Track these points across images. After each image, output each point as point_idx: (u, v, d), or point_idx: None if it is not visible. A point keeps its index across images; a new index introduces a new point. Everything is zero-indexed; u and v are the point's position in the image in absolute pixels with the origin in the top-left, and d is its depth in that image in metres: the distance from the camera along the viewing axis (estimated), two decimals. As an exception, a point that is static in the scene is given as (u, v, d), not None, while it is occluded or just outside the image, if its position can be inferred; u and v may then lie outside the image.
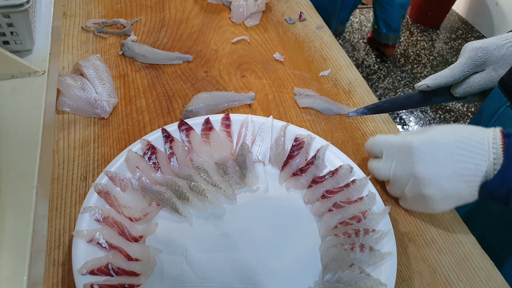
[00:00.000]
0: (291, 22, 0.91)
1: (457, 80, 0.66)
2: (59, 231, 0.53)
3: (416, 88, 0.70)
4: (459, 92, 0.68)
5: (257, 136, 0.63)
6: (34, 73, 0.47)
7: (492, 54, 0.63)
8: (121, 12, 0.90)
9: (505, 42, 0.63)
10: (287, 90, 0.76)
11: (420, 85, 0.69)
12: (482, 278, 0.54)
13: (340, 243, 0.52)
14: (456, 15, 2.86)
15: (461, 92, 0.67)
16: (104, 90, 0.69)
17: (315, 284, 0.50)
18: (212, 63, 0.80)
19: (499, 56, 0.63)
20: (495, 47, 0.63)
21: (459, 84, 0.67)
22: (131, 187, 0.55)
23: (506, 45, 0.63)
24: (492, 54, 0.63)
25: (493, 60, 0.64)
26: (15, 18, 0.46)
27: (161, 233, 0.53)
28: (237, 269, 0.51)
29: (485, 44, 0.64)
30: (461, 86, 0.67)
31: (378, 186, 0.62)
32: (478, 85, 0.66)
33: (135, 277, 0.48)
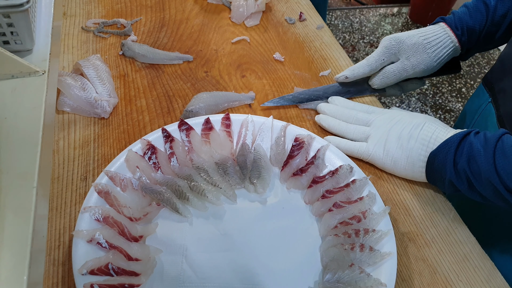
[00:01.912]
0: (291, 22, 0.91)
1: (374, 70, 0.70)
2: (59, 231, 0.53)
3: (335, 79, 0.73)
4: (376, 83, 0.71)
5: (257, 136, 0.63)
6: (34, 73, 0.47)
7: (404, 43, 0.68)
8: (121, 12, 0.90)
9: (416, 33, 0.68)
10: (287, 90, 0.76)
11: (339, 76, 0.72)
12: (482, 278, 0.54)
13: (340, 243, 0.52)
14: (456, 15, 2.86)
15: (378, 83, 0.71)
16: (104, 90, 0.69)
17: (315, 284, 0.50)
18: (212, 63, 0.80)
19: (410, 44, 0.67)
20: (407, 36, 0.68)
21: (376, 74, 0.71)
22: (131, 187, 0.55)
23: (417, 35, 0.68)
24: (404, 43, 0.68)
25: (405, 49, 0.68)
26: (15, 18, 0.46)
27: (161, 233, 0.53)
28: (237, 269, 0.51)
29: (398, 35, 0.69)
30: (377, 77, 0.71)
31: (378, 186, 0.62)
32: (393, 75, 0.69)
33: (135, 277, 0.48)
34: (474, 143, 0.52)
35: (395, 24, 2.73)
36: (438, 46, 0.67)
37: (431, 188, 0.63)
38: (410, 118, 0.61)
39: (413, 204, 0.61)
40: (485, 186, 0.51)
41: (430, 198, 0.62)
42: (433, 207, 0.61)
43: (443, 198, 0.62)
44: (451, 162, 0.54)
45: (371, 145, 0.61)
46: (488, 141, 0.52)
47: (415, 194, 0.62)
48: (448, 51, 0.68)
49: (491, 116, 0.69)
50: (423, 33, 0.68)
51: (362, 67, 0.70)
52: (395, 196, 0.62)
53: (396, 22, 2.75)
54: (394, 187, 0.63)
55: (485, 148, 0.51)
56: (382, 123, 0.62)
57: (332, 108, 0.68)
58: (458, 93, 2.26)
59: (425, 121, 0.59)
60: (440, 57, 0.68)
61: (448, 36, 0.67)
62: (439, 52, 0.68)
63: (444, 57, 0.68)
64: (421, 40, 0.67)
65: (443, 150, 0.55)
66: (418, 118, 0.61)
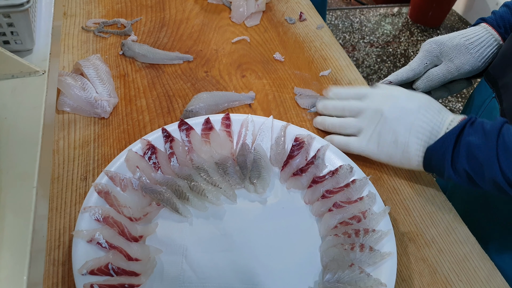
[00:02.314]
0: (291, 22, 0.91)
1: (418, 75, 0.70)
2: (59, 231, 0.53)
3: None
4: (420, 87, 0.71)
5: (257, 136, 0.63)
6: (34, 73, 0.47)
7: (445, 45, 0.67)
8: (121, 12, 0.90)
9: (457, 35, 0.68)
10: (287, 90, 0.76)
11: (383, 82, 0.71)
12: (482, 278, 0.54)
13: (340, 243, 0.52)
14: (456, 15, 2.86)
15: (422, 86, 0.70)
16: (104, 90, 0.69)
17: (315, 284, 0.50)
18: (212, 63, 0.80)
19: (452, 46, 0.67)
20: (447, 38, 0.68)
21: (420, 78, 0.70)
22: (131, 187, 0.55)
23: (458, 37, 0.67)
24: (445, 45, 0.67)
25: (447, 51, 0.67)
26: (15, 18, 0.46)
27: (161, 233, 0.53)
28: (237, 269, 0.51)
29: (438, 38, 0.68)
30: (422, 80, 0.70)
31: (378, 186, 0.62)
32: (438, 78, 0.69)
33: (135, 277, 0.48)
34: (473, 139, 0.51)
35: (395, 24, 2.73)
36: (482, 45, 0.66)
37: (431, 188, 0.63)
38: (404, 102, 0.59)
39: (413, 204, 0.61)
40: (487, 182, 0.51)
41: (430, 198, 0.62)
42: (433, 207, 0.61)
43: (443, 198, 0.62)
44: (449, 162, 0.53)
45: (364, 140, 0.60)
46: (488, 135, 0.50)
47: (415, 194, 0.62)
48: (493, 49, 0.67)
49: (495, 111, 0.68)
50: (463, 34, 0.67)
51: (406, 72, 0.69)
52: (395, 196, 0.62)
53: (396, 22, 2.75)
54: (394, 187, 0.63)
55: (486, 144, 0.50)
56: (374, 112, 0.60)
57: (328, 104, 0.67)
58: (458, 93, 2.26)
59: (420, 107, 0.57)
60: (485, 56, 0.67)
61: (491, 35, 0.67)
62: (483, 51, 0.67)
63: (489, 56, 0.68)
64: (462, 41, 0.67)
65: (441, 148, 0.54)
66: (413, 102, 0.58)
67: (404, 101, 0.59)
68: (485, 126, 0.52)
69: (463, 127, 0.53)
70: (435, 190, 0.63)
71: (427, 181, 0.64)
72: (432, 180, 0.64)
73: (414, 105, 0.58)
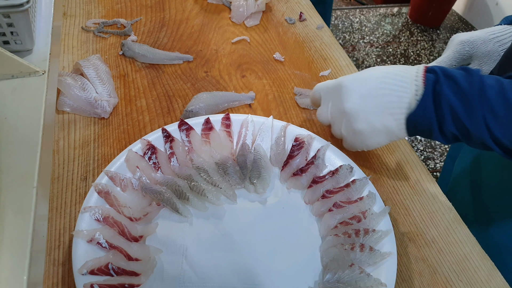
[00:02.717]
0: (291, 22, 0.91)
1: None
2: (59, 231, 0.53)
3: None
4: None
5: (257, 136, 0.63)
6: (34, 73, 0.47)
7: (478, 49, 0.64)
8: (121, 12, 0.90)
9: (492, 37, 0.64)
10: (287, 90, 0.76)
11: None
12: (482, 278, 0.54)
13: (340, 243, 0.52)
14: (456, 15, 2.86)
15: None
16: (104, 90, 0.69)
17: (315, 284, 0.50)
18: (212, 63, 0.80)
19: (485, 51, 0.63)
20: (482, 41, 0.64)
21: None
22: (131, 187, 0.55)
23: (493, 41, 0.63)
24: (478, 49, 0.64)
25: (478, 55, 0.64)
26: (15, 18, 0.46)
27: (161, 233, 0.53)
28: (237, 269, 0.51)
29: (472, 38, 0.64)
30: None
31: (378, 186, 0.62)
32: None
33: (135, 277, 0.48)
34: (453, 103, 0.47)
35: (395, 24, 2.73)
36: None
37: (431, 188, 0.63)
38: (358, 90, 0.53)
39: (413, 204, 0.61)
40: (475, 143, 0.49)
41: (430, 198, 0.62)
42: (433, 207, 0.61)
43: (443, 198, 0.62)
44: (437, 128, 0.50)
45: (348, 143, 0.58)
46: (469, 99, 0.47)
47: (415, 194, 0.62)
48: None
49: None
50: (498, 37, 0.63)
51: None
52: (395, 196, 0.62)
53: (396, 22, 2.75)
54: (394, 187, 0.63)
55: (470, 109, 0.46)
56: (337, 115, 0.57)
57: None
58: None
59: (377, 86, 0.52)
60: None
61: None
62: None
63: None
64: (496, 46, 0.63)
65: (423, 118, 0.50)
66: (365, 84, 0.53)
67: (358, 86, 0.54)
68: (460, 83, 0.48)
69: (434, 86, 0.49)
70: (435, 190, 0.63)
71: (427, 181, 0.64)
72: (432, 180, 0.64)
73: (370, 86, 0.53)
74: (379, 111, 0.52)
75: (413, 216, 0.59)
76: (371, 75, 0.53)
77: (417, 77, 0.50)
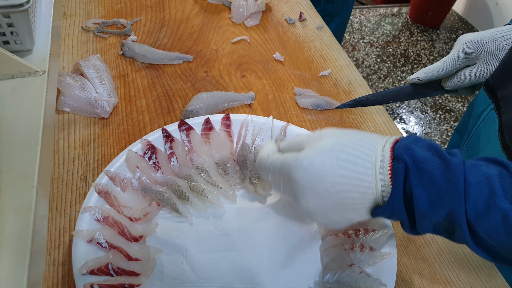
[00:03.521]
0: (291, 22, 0.91)
1: (449, 74, 0.66)
2: (59, 231, 0.53)
3: (408, 81, 0.70)
4: (449, 86, 0.68)
5: (257, 136, 0.63)
6: (34, 73, 0.47)
7: (483, 48, 0.63)
8: (121, 12, 0.90)
9: (498, 36, 0.63)
10: (287, 90, 0.76)
11: (412, 78, 0.69)
12: (482, 278, 0.54)
13: (340, 243, 0.52)
14: (456, 15, 2.86)
15: (451, 85, 0.68)
16: (104, 90, 0.69)
17: (315, 284, 0.50)
18: (212, 63, 0.80)
19: (491, 50, 0.63)
20: (487, 41, 0.63)
21: (450, 77, 0.67)
22: (131, 187, 0.55)
23: (499, 40, 0.63)
24: (483, 48, 0.63)
25: (484, 55, 0.63)
26: (15, 18, 0.46)
27: (161, 233, 0.53)
28: (237, 269, 0.51)
29: (477, 38, 0.63)
30: (452, 80, 0.67)
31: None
32: (469, 79, 0.66)
33: (135, 277, 0.48)
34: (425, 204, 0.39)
35: (395, 24, 2.73)
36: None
37: (431, 188, 0.63)
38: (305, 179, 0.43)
39: (413, 204, 0.61)
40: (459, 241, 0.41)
41: (430, 198, 0.61)
42: (433, 207, 0.61)
43: (443, 198, 0.62)
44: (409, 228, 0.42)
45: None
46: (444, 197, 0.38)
47: (415, 194, 0.62)
48: None
49: (493, 124, 0.65)
50: (504, 37, 0.62)
51: (437, 71, 0.66)
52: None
53: (396, 22, 2.75)
54: (394, 187, 0.62)
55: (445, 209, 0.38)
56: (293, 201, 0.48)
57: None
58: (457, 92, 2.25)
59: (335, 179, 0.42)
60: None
61: None
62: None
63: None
64: (502, 45, 0.62)
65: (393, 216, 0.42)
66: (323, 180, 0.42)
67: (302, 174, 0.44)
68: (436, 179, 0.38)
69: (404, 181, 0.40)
70: (435, 190, 0.62)
71: (427, 181, 0.63)
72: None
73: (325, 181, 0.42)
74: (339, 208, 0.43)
75: (413, 216, 0.59)
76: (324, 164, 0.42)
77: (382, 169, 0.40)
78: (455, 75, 0.66)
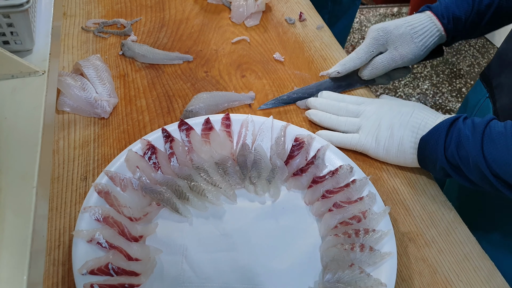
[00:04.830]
0: (291, 22, 0.91)
1: (364, 62, 0.71)
2: (59, 231, 0.54)
3: (327, 75, 0.74)
4: (366, 75, 0.73)
5: (257, 136, 0.63)
6: (34, 73, 0.47)
7: (392, 34, 0.69)
8: (121, 12, 0.90)
9: (403, 22, 0.69)
10: (287, 90, 0.76)
11: (331, 72, 0.73)
12: (482, 278, 0.54)
13: (340, 243, 0.52)
14: (456, 15, 2.86)
15: (367, 74, 0.72)
16: (104, 90, 0.69)
17: (315, 284, 0.50)
18: (212, 63, 0.80)
19: (398, 34, 0.68)
20: (394, 26, 0.69)
21: (365, 66, 0.72)
22: (131, 187, 0.55)
23: (404, 25, 0.69)
24: (392, 34, 0.69)
25: (393, 39, 0.69)
26: (15, 18, 0.46)
27: (161, 233, 0.53)
28: (237, 269, 0.51)
29: (386, 25, 0.69)
30: (367, 68, 0.72)
31: (378, 186, 0.62)
32: (382, 65, 0.71)
33: (135, 277, 0.48)
34: (462, 129, 0.54)
35: (395, 24, 2.73)
36: (425, 35, 0.68)
37: (431, 188, 0.63)
38: (399, 107, 0.62)
39: (413, 204, 0.61)
40: (472, 171, 0.53)
41: (430, 198, 0.62)
42: (433, 207, 0.61)
43: (443, 198, 0.62)
44: (442, 147, 0.55)
45: (363, 136, 0.62)
46: (476, 127, 0.53)
47: (415, 194, 0.62)
48: (435, 39, 0.69)
49: (488, 111, 0.70)
50: (409, 22, 0.69)
51: (353, 60, 0.71)
52: (395, 196, 0.62)
53: (396, 22, 2.74)
54: (394, 187, 0.63)
55: (473, 134, 0.52)
56: (372, 113, 0.63)
57: (322, 102, 0.68)
58: (458, 93, 2.26)
59: (414, 109, 0.61)
60: (427, 45, 0.69)
61: (434, 25, 0.68)
62: (426, 41, 0.69)
63: (430, 45, 0.70)
64: (408, 30, 0.68)
65: (434, 136, 0.56)
66: (407, 106, 0.62)
67: (401, 105, 0.63)
68: (474, 120, 0.54)
69: (454, 120, 0.56)
70: (435, 190, 0.63)
71: (427, 181, 0.64)
72: (432, 180, 0.64)
73: (409, 108, 0.61)
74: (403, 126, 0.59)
75: (413, 216, 0.59)
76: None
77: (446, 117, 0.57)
78: (369, 63, 0.72)
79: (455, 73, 2.37)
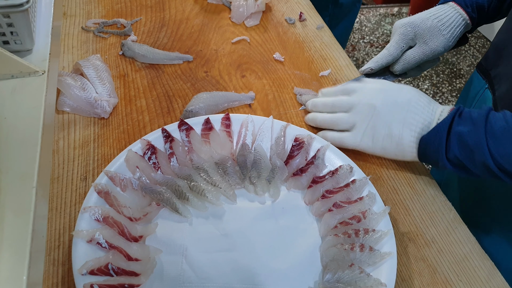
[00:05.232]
0: (291, 22, 0.91)
1: (396, 58, 0.72)
2: (59, 231, 0.54)
3: (361, 72, 0.74)
4: (398, 69, 0.73)
5: (257, 136, 0.63)
6: (34, 73, 0.47)
7: (419, 27, 0.69)
8: (121, 12, 0.90)
9: (429, 15, 0.70)
10: (287, 90, 0.76)
11: (364, 69, 0.73)
12: (482, 278, 0.54)
13: (340, 243, 0.52)
14: (456, 15, 2.86)
15: (400, 69, 0.73)
16: (104, 90, 0.69)
17: (315, 284, 0.50)
18: (212, 63, 0.80)
19: (426, 28, 0.69)
20: (421, 20, 0.69)
21: (397, 61, 0.73)
22: (131, 187, 0.55)
23: (431, 18, 0.69)
24: (419, 27, 0.69)
25: (421, 33, 0.69)
26: (15, 18, 0.46)
27: (161, 233, 0.53)
28: (237, 269, 0.51)
29: (412, 19, 0.70)
30: (399, 63, 0.72)
31: (378, 186, 0.62)
32: (414, 60, 0.71)
33: (135, 277, 0.48)
34: (462, 129, 0.54)
35: (395, 24, 2.73)
36: (452, 26, 0.69)
37: (431, 188, 0.63)
38: (393, 97, 0.60)
39: (413, 204, 0.61)
40: (479, 168, 0.53)
41: (430, 198, 0.62)
42: (433, 207, 0.61)
43: (443, 198, 0.62)
44: (443, 152, 0.55)
45: (359, 135, 0.61)
46: (476, 124, 0.53)
47: (415, 194, 0.62)
48: (461, 29, 0.70)
49: (488, 101, 0.71)
50: (435, 15, 0.69)
51: (385, 57, 0.71)
52: (395, 196, 0.62)
53: (396, 22, 2.74)
54: (394, 187, 0.63)
55: (475, 133, 0.52)
56: (365, 107, 0.61)
57: (317, 102, 0.68)
58: (458, 93, 2.25)
59: (410, 100, 0.59)
60: (455, 36, 0.70)
61: (460, 15, 0.69)
62: (454, 32, 0.69)
63: (458, 35, 0.70)
64: (435, 22, 0.68)
65: (434, 140, 0.56)
66: (401, 95, 0.60)
67: (395, 95, 0.61)
68: (472, 114, 0.54)
69: (453, 117, 0.55)
70: (435, 190, 0.63)
71: (427, 181, 0.64)
72: (432, 180, 0.64)
73: (405, 98, 0.60)
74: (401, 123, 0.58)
75: (413, 216, 0.59)
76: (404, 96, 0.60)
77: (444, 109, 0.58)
78: (400, 59, 0.72)
79: (455, 73, 2.37)
